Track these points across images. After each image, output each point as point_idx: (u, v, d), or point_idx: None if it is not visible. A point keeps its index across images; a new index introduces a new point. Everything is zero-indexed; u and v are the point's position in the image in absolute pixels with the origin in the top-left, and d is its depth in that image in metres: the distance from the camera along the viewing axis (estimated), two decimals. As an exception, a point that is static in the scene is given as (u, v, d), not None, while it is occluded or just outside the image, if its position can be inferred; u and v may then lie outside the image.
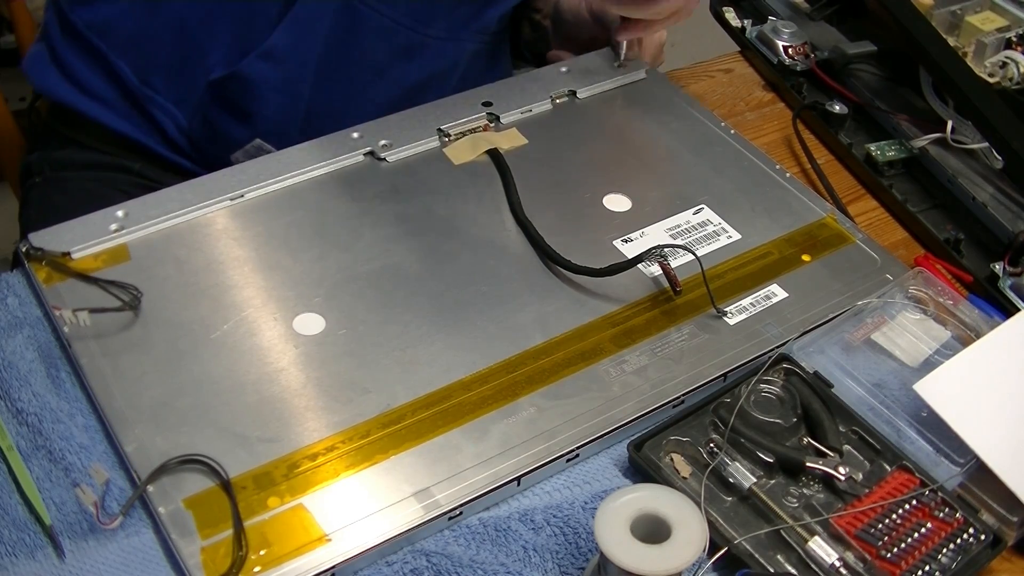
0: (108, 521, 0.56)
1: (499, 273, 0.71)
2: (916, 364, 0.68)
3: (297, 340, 0.65)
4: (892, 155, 0.86)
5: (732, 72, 0.97)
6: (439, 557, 0.57)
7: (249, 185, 0.75)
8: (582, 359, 0.66)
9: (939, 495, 0.60)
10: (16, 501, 0.58)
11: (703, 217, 0.77)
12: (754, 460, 0.61)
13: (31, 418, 0.61)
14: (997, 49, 0.89)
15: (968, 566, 0.58)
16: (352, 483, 0.59)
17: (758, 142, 0.87)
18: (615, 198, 0.78)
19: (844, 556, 0.57)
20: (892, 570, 0.56)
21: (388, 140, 0.80)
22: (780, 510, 0.59)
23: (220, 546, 0.55)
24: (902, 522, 0.58)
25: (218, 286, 0.68)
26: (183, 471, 0.58)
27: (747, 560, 0.57)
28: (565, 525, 0.59)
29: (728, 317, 0.69)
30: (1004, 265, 0.75)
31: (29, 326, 0.66)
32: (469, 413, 0.62)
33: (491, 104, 0.84)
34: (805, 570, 0.57)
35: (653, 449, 0.62)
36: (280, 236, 0.72)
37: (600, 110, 0.86)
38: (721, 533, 0.58)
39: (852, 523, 0.58)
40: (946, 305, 0.71)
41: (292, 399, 0.62)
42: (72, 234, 0.70)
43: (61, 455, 0.60)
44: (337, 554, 0.55)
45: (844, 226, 0.78)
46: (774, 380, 0.65)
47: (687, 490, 0.59)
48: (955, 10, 0.93)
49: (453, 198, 0.76)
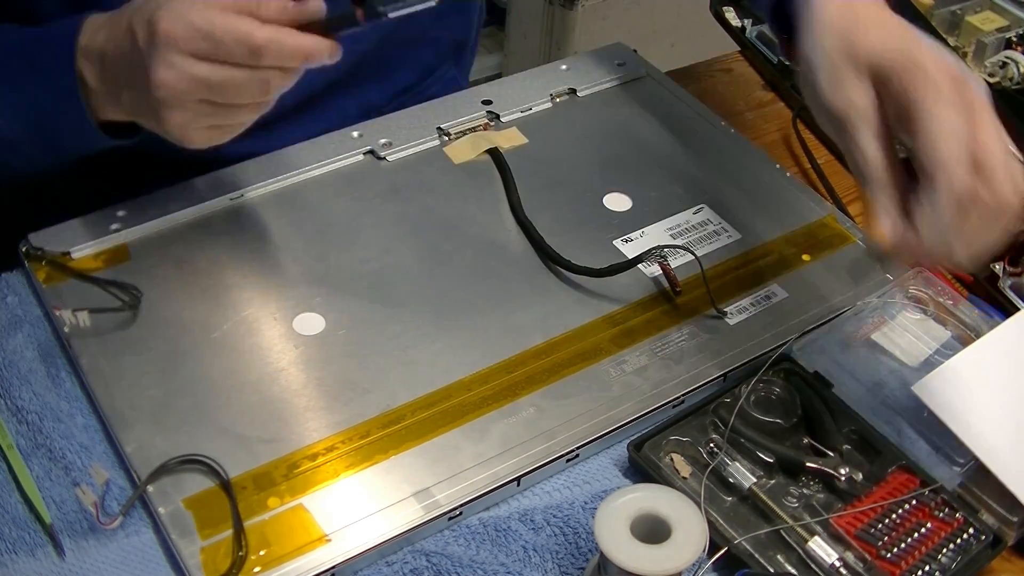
0: (108, 521, 0.56)
1: (499, 273, 0.71)
2: (916, 364, 0.68)
3: (297, 340, 0.65)
4: (892, 155, 0.86)
5: (732, 72, 0.97)
6: (439, 557, 0.57)
7: (249, 185, 0.75)
8: (582, 359, 0.66)
9: (939, 495, 0.60)
10: (16, 500, 0.58)
11: (703, 217, 0.77)
12: (754, 460, 0.61)
13: (31, 416, 0.61)
14: (997, 49, 0.89)
15: (968, 566, 0.58)
16: (352, 483, 0.59)
17: (758, 142, 0.87)
18: (615, 198, 0.78)
19: (844, 556, 0.57)
20: (892, 570, 0.56)
21: (388, 139, 0.80)
22: (780, 510, 0.59)
23: (220, 546, 0.55)
24: (902, 522, 0.58)
25: (218, 286, 0.68)
26: (183, 471, 0.58)
27: (747, 560, 0.57)
28: (565, 525, 0.59)
29: (728, 317, 0.69)
30: (1004, 265, 0.75)
31: (29, 324, 0.67)
32: (469, 413, 0.62)
33: (491, 103, 0.84)
34: (805, 570, 0.57)
35: (653, 449, 0.62)
36: (280, 236, 0.72)
37: (600, 109, 0.86)
38: (721, 533, 0.58)
39: (852, 523, 0.58)
40: (946, 305, 0.71)
41: (292, 399, 0.62)
42: (72, 234, 0.70)
43: (61, 454, 0.60)
44: (337, 554, 0.55)
45: (844, 226, 0.78)
46: (774, 380, 0.65)
47: (687, 490, 0.59)
48: (955, 10, 0.93)
49: (453, 197, 0.76)
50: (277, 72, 0.59)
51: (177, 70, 0.58)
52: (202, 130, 0.62)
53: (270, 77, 0.59)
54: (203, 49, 0.57)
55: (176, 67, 0.58)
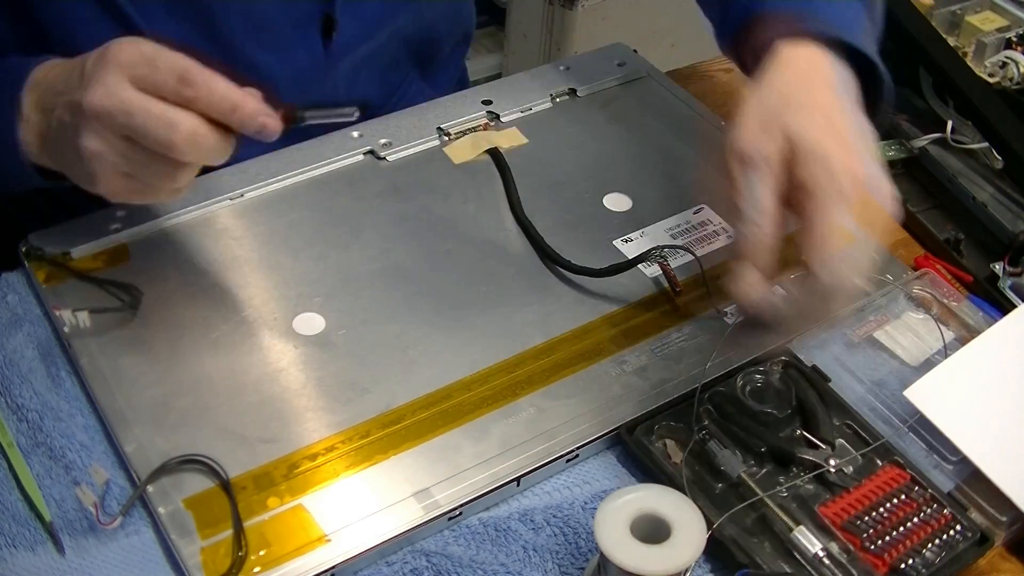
0: (108, 521, 0.56)
1: (499, 273, 0.71)
2: (917, 364, 0.68)
3: (297, 340, 0.65)
4: (892, 155, 0.86)
5: (732, 72, 0.97)
6: (439, 557, 0.57)
7: (249, 185, 0.75)
8: (582, 359, 0.66)
9: (928, 491, 0.60)
10: (16, 497, 0.58)
11: (703, 217, 0.77)
12: (745, 448, 0.61)
13: (31, 415, 0.62)
14: (997, 49, 0.89)
15: (952, 562, 0.58)
16: (352, 483, 0.59)
17: (758, 142, 0.86)
18: (615, 198, 0.78)
19: (828, 546, 0.57)
20: (876, 562, 0.56)
21: (388, 139, 0.80)
22: (767, 498, 0.59)
23: (220, 546, 0.55)
24: (889, 516, 0.58)
25: (218, 286, 0.68)
26: (183, 471, 0.58)
27: (730, 545, 0.57)
28: (565, 525, 0.59)
29: (728, 317, 0.69)
30: (1004, 265, 0.75)
31: (29, 323, 0.67)
32: (469, 413, 0.62)
33: (491, 103, 0.84)
34: (789, 559, 0.57)
35: (645, 433, 0.62)
36: (280, 236, 0.72)
37: (600, 109, 0.86)
38: (708, 518, 0.58)
39: (839, 514, 0.58)
40: (950, 307, 0.71)
41: (292, 399, 0.62)
42: (72, 234, 0.70)
43: (61, 453, 0.60)
44: (337, 554, 0.55)
45: (844, 226, 0.77)
46: (771, 371, 0.65)
47: (676, 475, 0.59)
48: (955, 10, 0.93)
49: (453, 197, 0.76)
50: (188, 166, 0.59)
51: (101, 141, 0.57)
52: (126, 192, 0.60)
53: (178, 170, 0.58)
54: (125, 129, 0.56)
55: (100, 139, 0.57)
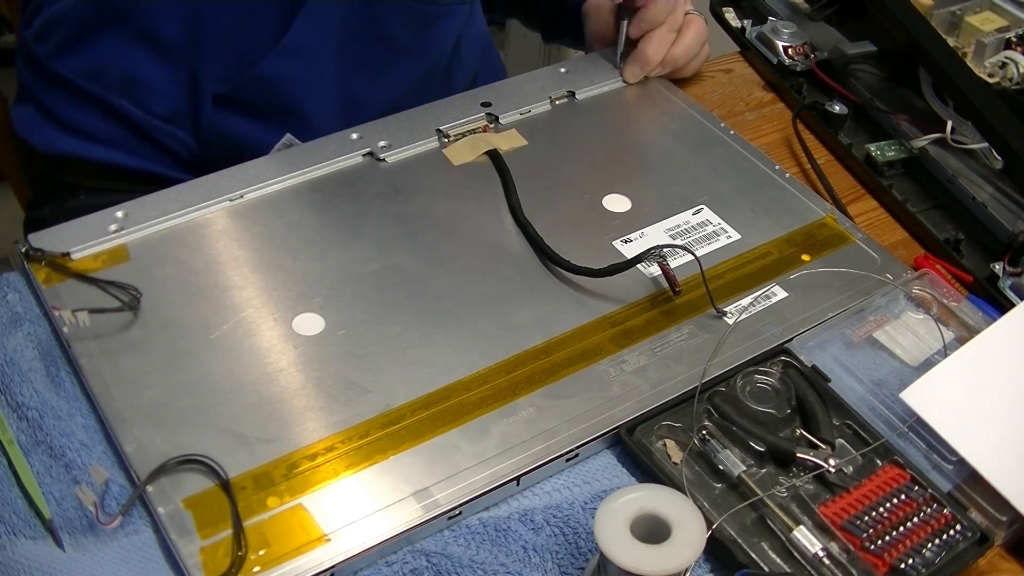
0: (108, 521, 0.56)
1: (499, 273, 0.71)
2: (917, 364, 0.68)
3: (297, 340, 0.65)
4: (892, 155, 0.86)
5: (732, 72, 0.97)
6: (439, 557, 0.57)
7: (249, 185, 0.75)
8: (582, 359, 0.66)
9: (928, 491, 0.60)
10: (16, 494, 0.58)
11: (703, 217, 0.77)
12: (745, 448, 0.61)
13: (31, 413, 0.61)
14: (997, 49, 0.89)
15: (952, 562, 0.58)
16: (351, 483, 0.59)
17: (758, 142, 0.87)
18: (615, 198, 0.78)
19: (828, 546, 0.57)
20: (875, 562, 0.56)
21: (387, 141, 0.80)
22: (767, 498, 0.59)
23: (219, 546, 0.55)
24: (889, 516, 0.58)
25: (218, 286, 0.68)
26: (182, 471, 0.58)
27: (730, 545, 0.57)
28: (565, 525, 0.59)
29: (728, 317, 0.69)
30: (1004, 265, 0.75)
31: (29, 322, 0.67)
32: (468, 413, 0.62)
33: (490, 105, 0.84)
34: (788, 559, 0.57)
35: (645, 433, 0.62)
36: (280, 236, 0.72)
37: (599, 111, 0.86)
38: (708, 518, 0.58)
39: (839, 514, 0.58)
40: (950, 307, 0.71)
41: (292, 399, 0.62)
42: (72, 234, 0.70)
43: (61, 452, 0.60)
44: (336, 554, 0.55)
45: (844, 226, 0.78)
46: (771, 371, 0.65)
47: (676, 475, 0.59)
48: (955, 10, 0.93)
49: (452, 199, 0.76)
50: None
51: None
52: None
53: None
54: None
55: None
